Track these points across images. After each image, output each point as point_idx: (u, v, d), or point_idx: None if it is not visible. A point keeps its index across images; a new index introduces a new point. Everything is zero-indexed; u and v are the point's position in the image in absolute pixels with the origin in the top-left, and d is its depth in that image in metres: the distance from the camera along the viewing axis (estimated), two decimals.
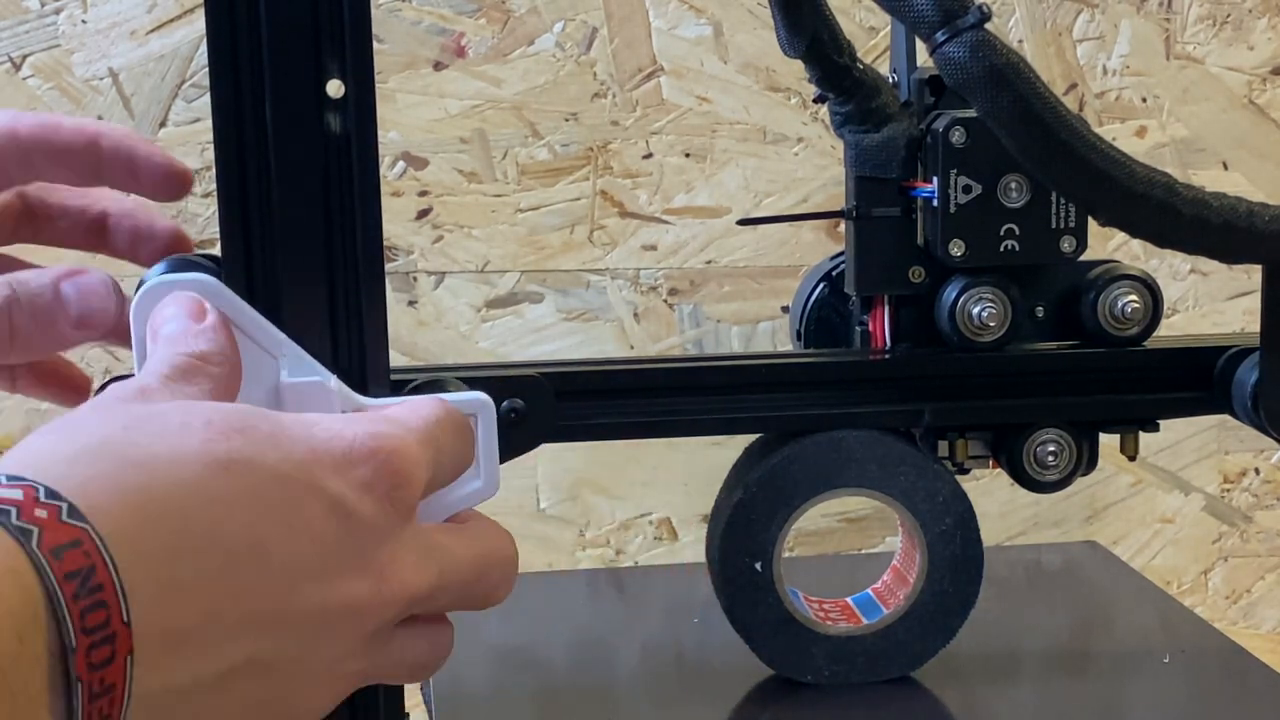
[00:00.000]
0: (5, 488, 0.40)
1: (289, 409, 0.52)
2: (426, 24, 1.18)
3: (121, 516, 0.41)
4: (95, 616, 0.39)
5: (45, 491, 0.40)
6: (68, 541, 0.39)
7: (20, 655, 0.38)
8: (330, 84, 0.53)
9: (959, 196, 0.66)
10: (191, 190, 0.61)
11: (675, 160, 1.21)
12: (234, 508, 0.43)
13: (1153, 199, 0.58)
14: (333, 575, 0.45)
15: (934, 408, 0.67)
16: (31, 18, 1.16)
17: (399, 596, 0.46)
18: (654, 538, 1.25)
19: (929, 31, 0.57)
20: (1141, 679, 0.72)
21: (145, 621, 0.40)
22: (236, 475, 0.44)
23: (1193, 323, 1.27)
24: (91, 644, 0.39)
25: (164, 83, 1.17)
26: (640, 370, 0.67)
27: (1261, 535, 1.32)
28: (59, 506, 0.40)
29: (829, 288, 0.73)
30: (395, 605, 0.46)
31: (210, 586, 0.42)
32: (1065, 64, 1.24)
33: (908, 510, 0.68)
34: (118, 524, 0.40)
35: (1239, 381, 0.67)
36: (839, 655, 0.69)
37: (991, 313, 0.67)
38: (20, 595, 0.38)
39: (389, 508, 0.46)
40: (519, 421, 0.62)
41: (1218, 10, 1.25)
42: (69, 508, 0.40)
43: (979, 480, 1.08)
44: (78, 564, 0.39)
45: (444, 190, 1.20)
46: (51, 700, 0.38)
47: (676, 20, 1.20)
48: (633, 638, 0.80)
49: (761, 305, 1.23)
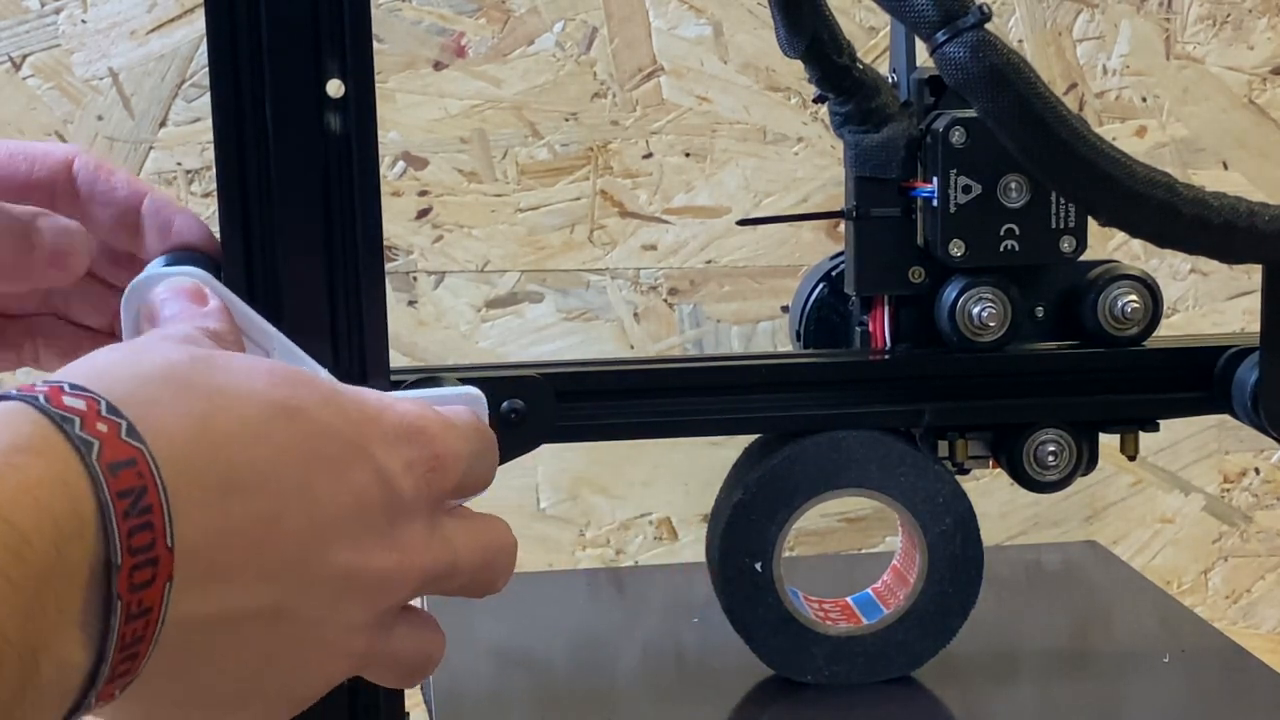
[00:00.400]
0: (69, 395, 0.40)
1: None
2: (426, 24, 1.18)
3: (179, 442, 0.41)
4: (142, 537, 0.39)
5: (107, 406, 0.40)
6: (124, 459, 0.39)
7: (56, 566, 0.37)
8: (330, 84, 0.53)
9: (959, 196, 0.66)
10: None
11: (675, 160, 1.21)
12: (290, 453, 0.43)
13: (1153, 199, 0.58)
14: (366, 541, 0.45)
15: (934, 408, 0.67)
16: (31, 18, 1.16)
17: (416, 575, 0.46)
18: (654, 538, 1.25)
19: (929, 31, 0.57)
20: (1141, 679, 0.72)
21: (187, 549, 0.40)
22: (297, 422, 0.44)
23: (1193, 323, 1.27)
24: (135, 564, 0.39)
25: (164, 83, 1.17)
26: (640, 370, 0.67)
27: (1261, 535, 1.32)
28: (119, 423, 0.40)
29: (829, 288, 0.73)
30: (412, 584, 0.46)
31: (254, 527, 0.42)
32: (1065, 64, 1.24)
33: (908, 510, 0.68)
34: (174, 448, 0.40)
35: (1239, 381, 0.67)
36: (839, 655, 0.69)
37: (991, 313, 0.67)
38: (67, 507, 0.38)
39: (424, 490, 0.47)
40: (519, 421, 0.62)
41: (1218, 10, 1.25)
42: (128, 426, 0.40)
43: (979, 480, 1.08)
44: (130, 483, 0.39)
45: (444, 190, 1.20)
46: (84, 616, 0.38)
47: (676, 20, 1.20)
48: (633, 638, 0.80)
49: (761, 305, 1.23)
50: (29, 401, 0.39)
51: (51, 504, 0.38)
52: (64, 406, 0.39)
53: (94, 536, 0.38)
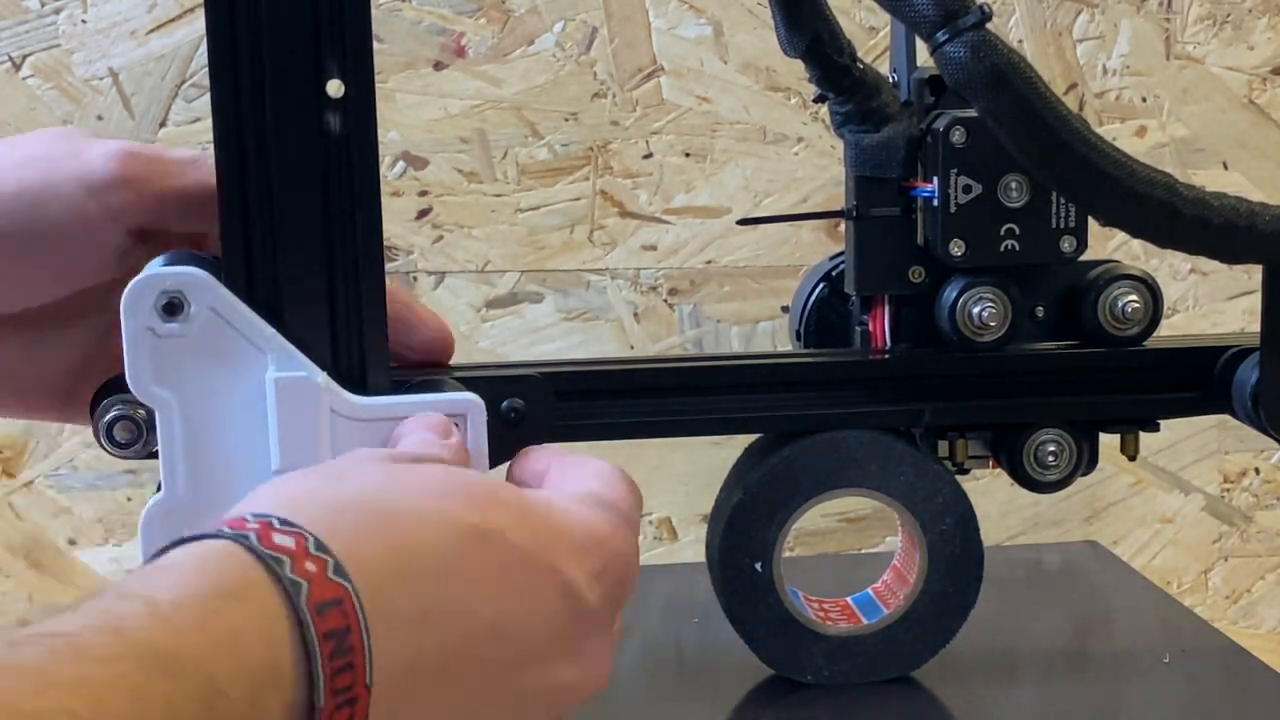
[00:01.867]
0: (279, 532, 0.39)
1: (278, 404, 0.52)
2: (426, 24, 1.18)
3: (379, 575, 0.40)
4: (344, 679, 0.38)
5: (315, 543, 0.39)
6: (331, 599, 0.39)
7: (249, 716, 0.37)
8: (330, 84, 0.53)
9: (959, 196, 0.66)
10: None
11: (675, 160, 1.21)
12: (484, 583, 0.43)
13: (1154, 199, 0.58)
14: (554, 658, 0.45)
15: (934, 408, 0.67)
16: (31, 18, 1.16)
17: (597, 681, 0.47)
18: (654, 538, 1.25)
19: (929, 31, 0.57)
20: (1141, 679, 0.72)
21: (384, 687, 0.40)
22: (490, 549, 0.44)
23: (1193, 323, 1.27)
24: (337, 704, 0.38)
25: (164, 83, 1.17)
26: (640, 370, 0.67)
27: (1261, 535, 1.32)
28: (326, 561, 0.39)
29: (829, 288, 0.73)
30: (592, 689, 0.47)
31: (448, 661, 0.42)
32: (1065, 64, 1.24)
33: (908, 510, 0.68)
34: (374, 582, 0.40)
35: (1239, 381, 0.67)
36: (839, 655, 0.69)
37: (991, 312, 0.67)
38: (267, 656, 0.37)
39: (608, 600, 0.47)
40: (519, 421, 0.62)
41: (1218, 10, 1.25)
42: (335, 564, 0.39)
43: (979, 480, 1.08)
44: (336, 623, 0.38)
45: (444, 190, 1.20)
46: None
47: (676, 20, 1.20)
48: (633, 638, 0.80)
49: (761, 305, 1.23)
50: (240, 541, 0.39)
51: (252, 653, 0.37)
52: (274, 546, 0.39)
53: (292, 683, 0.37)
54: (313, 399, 0.53)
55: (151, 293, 0.53)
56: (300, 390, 0.53)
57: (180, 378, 0.54)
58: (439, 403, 0.56)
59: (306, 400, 0.52)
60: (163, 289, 0.53)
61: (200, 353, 0.54)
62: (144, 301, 0.53)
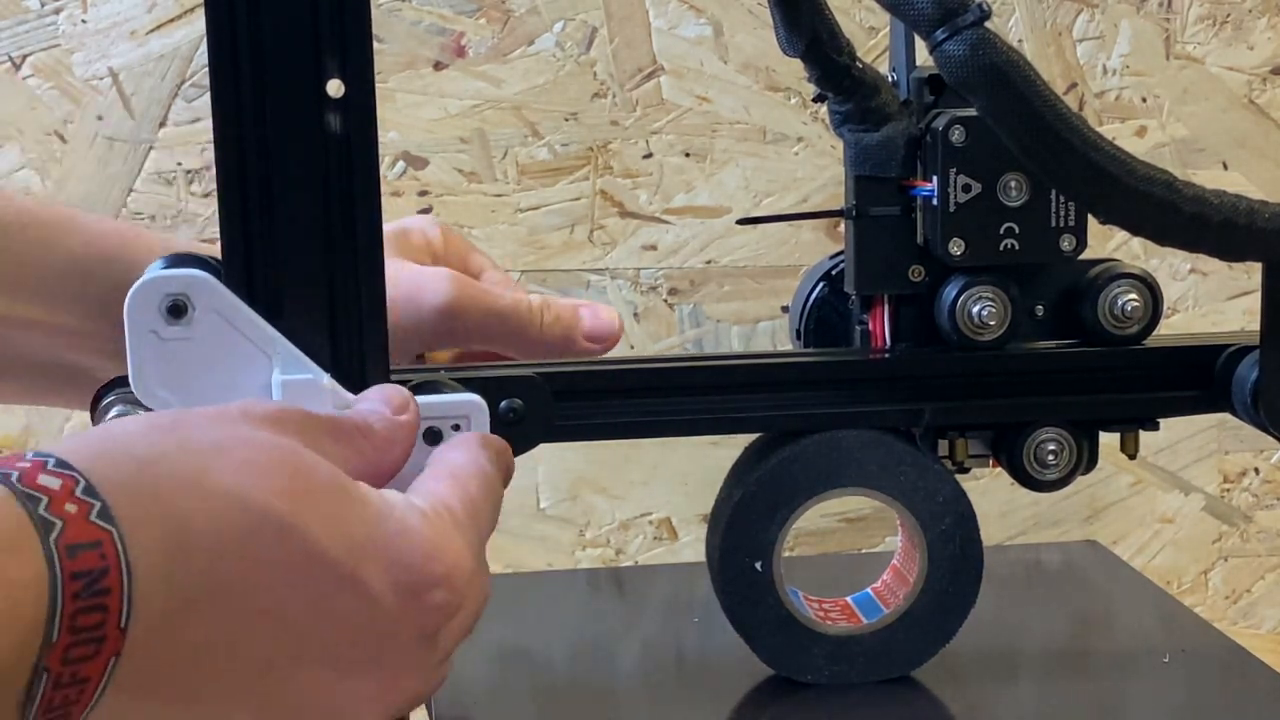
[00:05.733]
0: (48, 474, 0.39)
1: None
2: (426, 24, 1.18)
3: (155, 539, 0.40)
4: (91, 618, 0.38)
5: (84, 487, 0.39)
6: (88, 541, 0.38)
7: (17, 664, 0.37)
8: (330, 84, 0.53)
9: (958, 195, 0.66)
10: None
11: (675, 160, 1.21)
12: (272, 576, 0.42)
13: (1153, 196, 0.58)
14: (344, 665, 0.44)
15: (934, 407, 0.67)
16: (31, 18, 1.16)
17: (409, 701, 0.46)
18: (654, 537, 1.25)
19: (929, 29, 0.57)
20: (1141, 679, 0.72)
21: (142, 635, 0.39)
22: (285, 540, 0.43)
23: (1193, 322, 1.27)
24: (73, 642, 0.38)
25: (164, 83, 1.17)
26: (640, 370, 0.67)
27: (1261, 535, 1.32)
28: (92, 505, 0.39)
29: (829, 287, 0.73)
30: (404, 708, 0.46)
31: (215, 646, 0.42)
32: (1065, 64, 1.24)
33: (908, 510, 0.68)
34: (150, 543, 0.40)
35: (1239, 380, 0.67)
36: (839, 655, 0.69)
37: (991, 312, 0.67)
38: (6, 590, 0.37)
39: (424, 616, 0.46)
40: (517, 421, 0.62)
41: (1218, 10, 1.25)
42: (102, 508, 0.39)
43: (979, 480, 1.08)
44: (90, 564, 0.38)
45: (444, 190, 1.20)
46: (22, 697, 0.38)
47: (676, 20, 1.20)
48: (633, 638, 0.80)
49: (761, 305, 1.23)
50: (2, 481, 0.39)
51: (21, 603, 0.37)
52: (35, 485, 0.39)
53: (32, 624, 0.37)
54: (316, 401, 0.53)
55: (156, 295, 0.53)
56: (305, 392, 0.53)
57: (184, 380, 0.54)
58: (441, 404, 0.56)
59: (311, 402, 0.52)
60: (167, 291, 0.53)
61: (203, 355, 0.54)
62: (148, 304, 0.53)
